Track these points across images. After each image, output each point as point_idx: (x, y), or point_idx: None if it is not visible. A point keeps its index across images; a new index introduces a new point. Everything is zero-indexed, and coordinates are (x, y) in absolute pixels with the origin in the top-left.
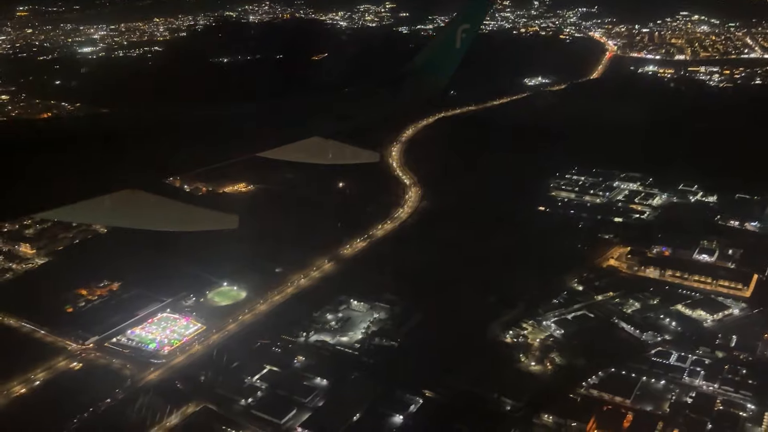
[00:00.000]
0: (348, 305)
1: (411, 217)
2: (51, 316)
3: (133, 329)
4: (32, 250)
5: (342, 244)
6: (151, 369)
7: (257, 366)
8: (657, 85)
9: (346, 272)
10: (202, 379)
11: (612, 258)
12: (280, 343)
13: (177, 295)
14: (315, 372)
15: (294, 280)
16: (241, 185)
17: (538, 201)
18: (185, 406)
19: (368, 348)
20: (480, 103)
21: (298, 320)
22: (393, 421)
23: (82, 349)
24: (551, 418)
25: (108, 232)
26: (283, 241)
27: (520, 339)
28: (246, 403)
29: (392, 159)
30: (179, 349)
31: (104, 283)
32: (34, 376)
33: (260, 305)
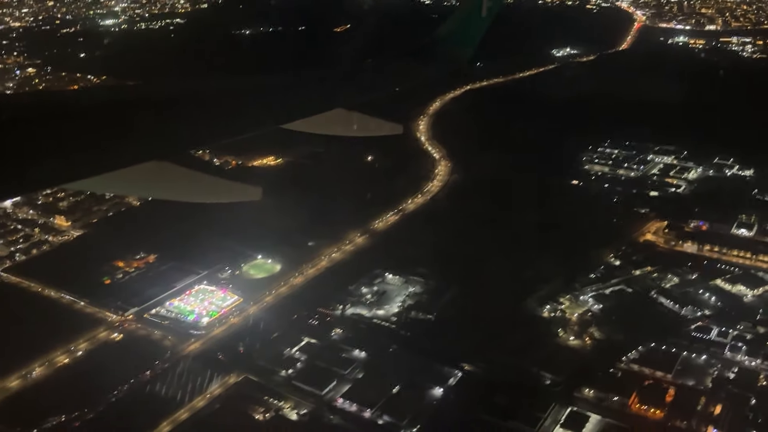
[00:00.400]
0: (383, 279)
1: (442, 190)
2: (90, 287)
3: (172, 301)
4: (67, 223)
5: (374, 217)
6: (192, 340)
7: (295, 338)
8: (688, 56)
9: (379, 246)
10: (241, 351)
11: (649, 232)
12: (317, 316)
13: (212, 268)
14: (353, 344)
15: (327, 254)
16: (270, 158)
17: (571, 175)
18: (227, 377)
19: (405, 321)
20: (507, 74)
21: (334, 293)
22: (432, 394)
23: (122, 320)
24: (592, 392)
25: (141, 205)
26: (314, 214)
27: (558, 313)
28: (286, 374)
29: (420, 132)
30: (218, 320)
31: (140, 255)
32: (76, 347)
33: (295, 278)
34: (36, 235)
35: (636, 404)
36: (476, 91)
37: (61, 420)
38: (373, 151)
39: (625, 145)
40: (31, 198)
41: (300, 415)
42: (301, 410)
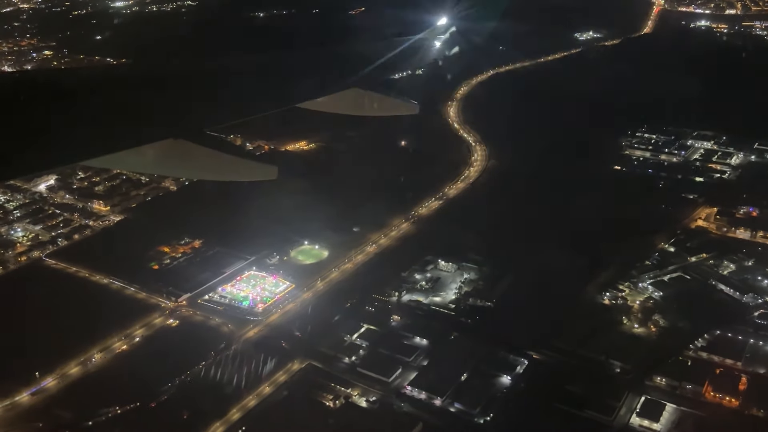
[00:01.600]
0: (435, 265)
1: (481, 176)
2: (138, 273)
3: (224, 286)
4: (106, 207)
5: (416, 203)
6: (250, 326)
7: (354, 324)
8: (713, 40)
9: (427, 232)
10: (301, 337)
11: (700, 218)
12: (375, 303)
13: (260, 253)
14: (413, 331)
15: (374, 240)
16: (302, 143)
17: (612, 159)
18: (290, 363)
19: (464, 308)
20: (533, 58)
21: (388, 280)
22: (501, 382)
23: (176, 306)
24: (664, 380)
25: (178, 190)
26: (354, 199)
27: (619, 301)
28: (350, 361)
29: (451, 117)
30: (273, 306)
31: (185, 240)
32: (132, 333)
33: (345, 264)
34: (76, 219)
35: (710, 392)
36: (503, 75)
37: (127, 408)
38: (405, 135)
39: (663, 129)
40: (66, 182)
41: (370, 402)
42: (370, 397)
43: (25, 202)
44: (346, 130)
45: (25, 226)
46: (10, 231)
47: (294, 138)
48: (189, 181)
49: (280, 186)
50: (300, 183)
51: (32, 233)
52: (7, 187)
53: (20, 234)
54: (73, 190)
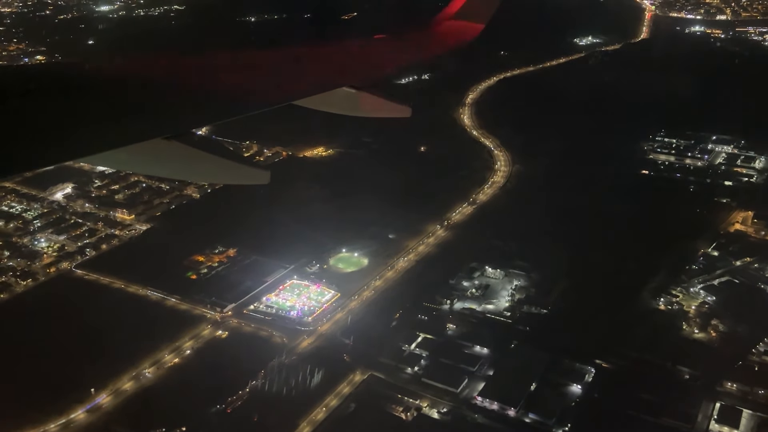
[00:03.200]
0: (482, 272)
1: (508, 181)
2: (176, 283)
3: (268, 296)
4: (130, 216)
5: (447, 209)
6: (303, 336)
7: (410, 334)
8: (711, 45)
9: (466, 239)
10: (351, 345)
11: (737, 222)
12: (427, 311)
13: (298, 261)
14: (471, 340)
15: (413, 247)
16: (319, 149)
17: (637, 164)
18: (351, 375)
19: (520, 316)
20: (537, 63)
21: (435, 287)
22: (572, 391)
23: (223, 317)
24: (735, 386)
25: (201, 197)
26: (383, 206)
27: (675, 306)
28: (413, 372)
29: (466, 122)
30: (322, 316)
31: (219, 249)
32: (182, 345)
33: (387, 272)
34: (100, 229)
35: None
36: (510, 80)
37: (188, 424)
38: (423, 140)
39: (682, 134)
40: (84, 190)
41: (442, 414)
42: (440, 409)
43: (44, 211)
44: (362, 135)
45: (49, 237)
46: (34, 242)
47: (310, 144)
48: (212, 188)
49: (306, 192)
50: (325, 189)
51: (57, 243)
52: (22, 197)
53: (44, 245)
54: (93, 198)
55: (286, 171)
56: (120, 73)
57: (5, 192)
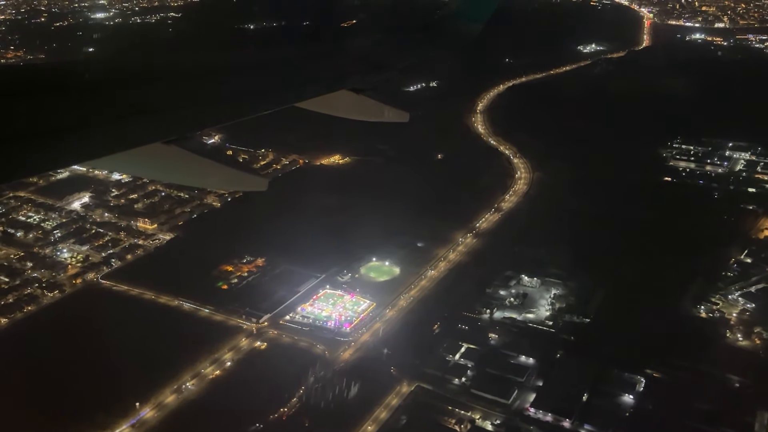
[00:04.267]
0: (518, 281)
1: (531, 188)
2: (207, 293)
3: (303, 306)
4: (152, 225)
5: (472, 217)
6: (344, 347)
7: (453, 344)
8: (714, 53)
9: (496, 247)
10: (404, 358)
11: (766, 229)
12: (467, 321)
13: (329, 271)
14: (515, 350)
15: (442, 255)
16: (336, 156)
17: (660, 171)
18: (398, 386)
19: (562, 325)
20: (544, 70)
21: (472, 296)
22: (625, 401)
23: (259, 328)
24: None
25: (222, 206)
26: (407, 214)
27: (716, 314)
28: (460, 383)
29: (480, 129)
30: (360, 326)
31: (247, 258)
32: (221, 357)
33: (420, 281)
34: (123, 239)
35: None
36: (520, 87)
37: None
38: (439, 148)
39: (698, 140)
40: (102, 200)
41: (495, 426)
42: (493, 420)
43: (63, 221)
44: (376, 143)
45: (71, 247)
46: (56, 252)
47: (326, 152)
48: (231, 196)
49: (327, 200)
50: (346, 197)
51: (80, 254)
52: (39, 206)
53: (67, 255)
54: (112, 207)
55: (304, 179)
56: (120, 75)
57: (21, 202)
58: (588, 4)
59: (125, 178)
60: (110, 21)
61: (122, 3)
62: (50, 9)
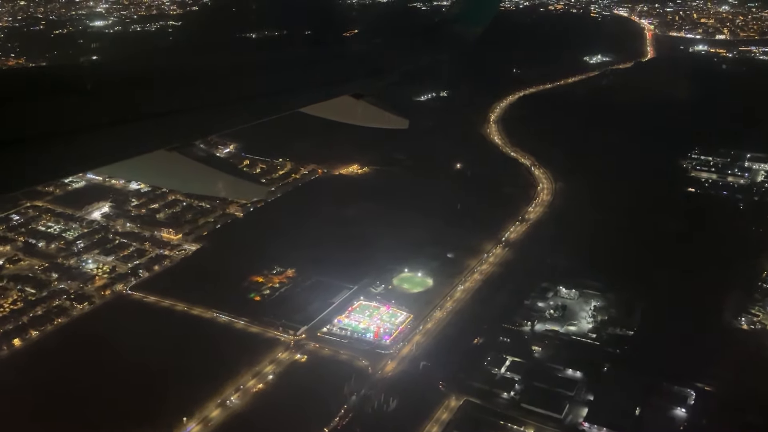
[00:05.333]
0: (556, 292)
1: (555, 198)
2: (240, 305)
3: (339, 318)
4: (177, 236)
5: (500, 228)
6: (387, 360)
7: (497, 357)
8: (720, 64)
9: (525, 257)
10: (448, 371)
11: None
12: (508, 333)
13: (361, 282)
14: (561, 363)
15: (474, 267)
16: (354, 166)
17: (682, 181)
18: (446, 400)
19: (607, 338)
20: (553, 81)
21: (510, 308)
22: (678, 415)
23: (297, 340)
24: None
25: (245, 216)
26: (432, 223)
27: (758, 326)
28: (509, 397)
29: (496, 139)
30: (400, 338)
31: (277, 269)
32: (263, 370)
33: (455, 292)
34: (149, 249)
35: None
36: (531, 97)
37: None
38: (457, 158)
39: (717, 151)
40: (123, 209)
41: None
42: None
43: (84, 231)
44: (392, 152)
45: (96, 258)
46: (81, 263)
47: (343, 161)
48: (253, 206)
49: (350, 210)
50: (369, 207)
51: (106, 265)
52: (58, 216)
53: (92, 266)
54: (133, 217)
55: (325, 189)
56: (123, 80)
57: (39, 211)
58: (588, 15)
59: (144, 187)
60: (110, 29)
61: (120, 11)
62: (47, 17)
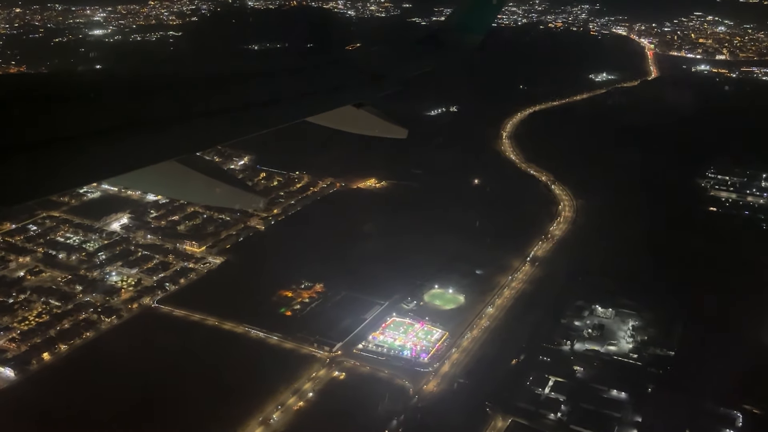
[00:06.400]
0: (591, 311)
1: (578, 216)
2: (271, 320)
3: (374, 335)
4: (200, 249)
5: (526, 244)
6: (426, 379)
7: (540, 376)
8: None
9: (555, 275)
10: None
11: None
12: (548, 352)
13: (392, 298)
14: (605, 383)
15: (505, 284)
16: (371, 180)
17: (703, 201)
18: (492, 421)
19: (648, 358)
20: (561, 98)
21: (546, 327)
22: None
23: (334, 357)
24: None
25: (266, 229)
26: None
27: None
28: (556, 418)
29: (511, 156)
30: (437, 356)
31: (305, 284)
32: (302, 387)
33: (489, 309)
34: (173, 262)
35: None
36: (541, 114)
37: None
38: (474, 173)
39: (732, 171)
40: (142, 221)
41: None
42: None
43: (105, 243)
44: (408, 167)
45: (119, 270)
46: (105, 275)
47: (360, 175)
48: (275, 220)
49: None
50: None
51: (131, 277)
52: (76, 227)
53: (116, 278)
54: (154, 229)
55: (345, 202)
56: (127, 88)
57: (56, 222)
58: (588, 33)
59: (161, 198)
60: (109, 38)
61: (118, 20)
62: (45, 24)
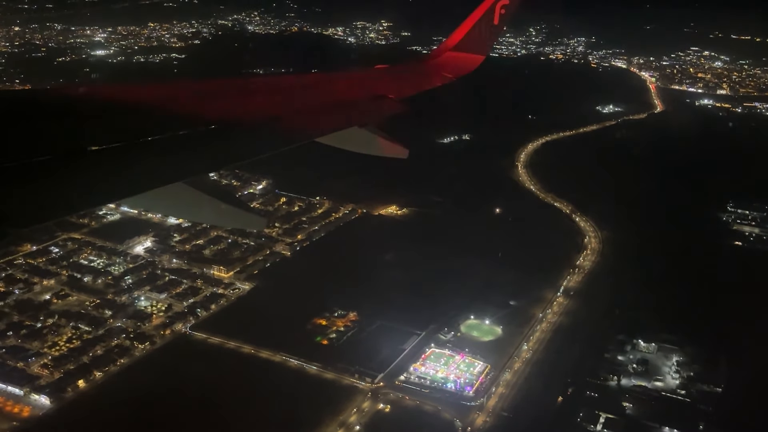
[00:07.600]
0: (633, 346)
1: (604, 247)
2: (307, 349)
3: (416, 366)
4: (228, 274)
5: (557, 275)
6: (474, 413)
7: (590, 413)
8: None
9: (590, 307)
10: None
11: None
12: (595, 388)
13: (428, 328)
14: (656, 421)
15: (540, 316)
16: (392, 207)
17: (727, 235)
18: None
19: (697, 395)
20: (571, 128)
21: (590, 362)
22: None
23: (376, 388)
24: None
25: (292, 255)
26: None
27: None
28: None
29: (529, 185)
30: (482, 390)
31: (338, 312)
32: (348, 420)
33: (528, 342)
34: (202, 287)
35: None
36: (554, 144)
37: None
38: (493, 202)
39: (751, 205)
40: (167, 245)
41: None
42: None
43: (130, 266)
44: (429, 194)
45: (148, 294)
46: (134, 300)
47: (381, 201)
48: (300, 245)
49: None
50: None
51: (160, 302)
52: (100, 249)
53: (146, 303)
54: (179, 253)
55: (368, 229)
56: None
57: (79, 244)
58: (589, 66)
59: (183, 222)
60: (112, 59)
61: (120, 41)
62: (47, 44)
